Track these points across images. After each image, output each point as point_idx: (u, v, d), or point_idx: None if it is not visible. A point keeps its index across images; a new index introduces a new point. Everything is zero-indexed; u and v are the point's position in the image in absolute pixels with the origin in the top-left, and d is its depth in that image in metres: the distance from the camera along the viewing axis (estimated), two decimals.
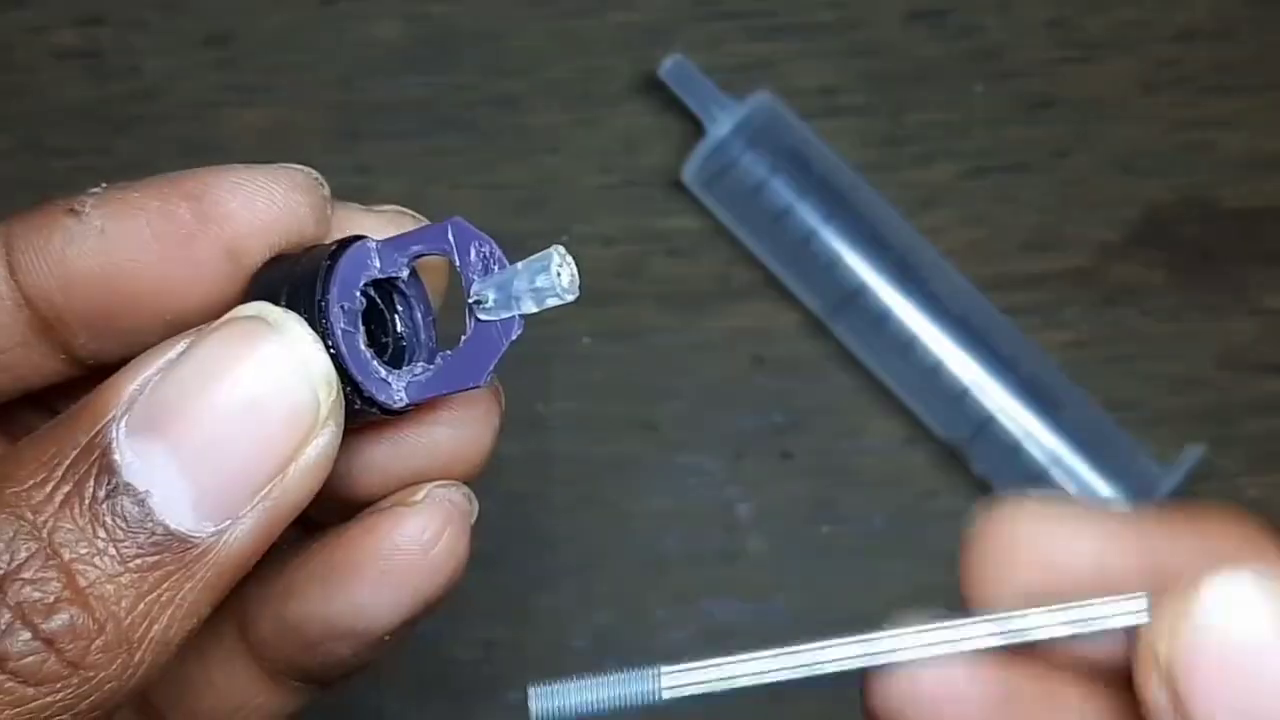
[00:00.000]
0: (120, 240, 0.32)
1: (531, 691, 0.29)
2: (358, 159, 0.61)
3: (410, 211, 0.36)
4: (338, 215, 0.34)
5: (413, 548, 0.34)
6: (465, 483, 0.36)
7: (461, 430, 0.35)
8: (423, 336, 0.34)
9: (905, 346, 0.58)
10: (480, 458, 0.35)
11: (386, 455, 0.35)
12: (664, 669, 0.29)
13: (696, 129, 0.59)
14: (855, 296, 0.58)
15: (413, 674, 0.59)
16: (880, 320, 0.58)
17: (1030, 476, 0.57)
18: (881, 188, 0.60)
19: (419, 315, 0.34)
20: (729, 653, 0.30)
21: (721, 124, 0.59)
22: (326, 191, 0.34)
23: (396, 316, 0.34)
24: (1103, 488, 0.57)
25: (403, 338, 0.34)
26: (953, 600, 0.38)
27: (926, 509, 0.59)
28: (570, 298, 0.32)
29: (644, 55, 0.61)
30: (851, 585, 0.59)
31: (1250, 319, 0.60)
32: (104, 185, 0.33)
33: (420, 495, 0.34)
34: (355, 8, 0.62)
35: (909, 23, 0.62)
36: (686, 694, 0.29)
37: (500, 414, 0.36)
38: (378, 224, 0.35)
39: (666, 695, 0.29)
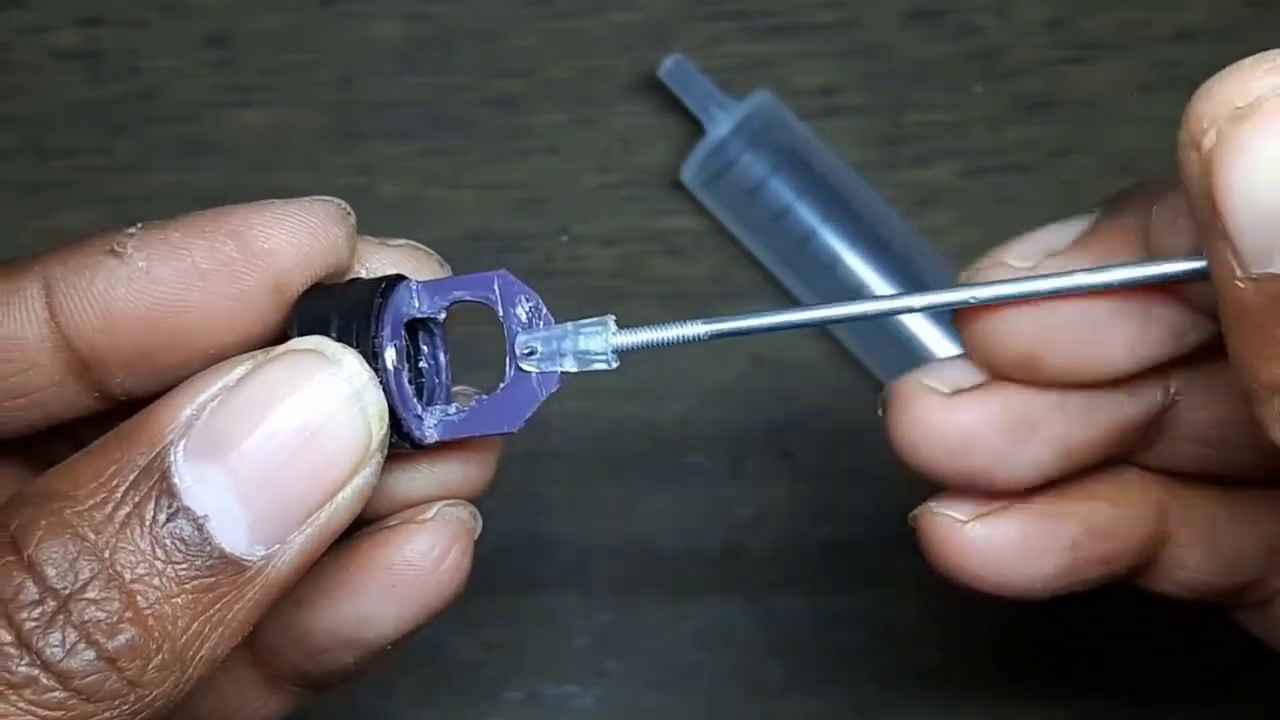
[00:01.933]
0: (166, 280, 0.33)
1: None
2: (358, 159, 0.61)
3: (422, 246, 0.36)
4: (357, 247, 0.35)
5: (423, 563, 0.35)
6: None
7: (469, 462, 0.36)
8: (442, 377, 0.35)
9: (905, 346, 0.58)
10: (484, 484, 0.37)
11: (397, 480, 0.36)
12: (704, 322, 0.34)
13: (696, 129, 0.59)
14: (855, 296, 0.58)
15: (414, 675, 0.59)
16: (880, 320, 0.58)
17: None
18: (881, 188, 0.60)
19: (442, 357, 0.35)
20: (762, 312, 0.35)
21: (721, 124, 0.59)
22: (354, 221, 0.35)
23: (421, 355, 0.35)
24: None
25: (422, 375, 0.35)
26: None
27: None
28: (614, 365, 0.34)
29: (644, 55, 0.61)
30: (851, 585, 0.59)
31: None
32: (140, 225, 0.33)
33: (431, 513, 0.36)
34: (355, 8, 0.62)
35: (908, 23, 0.62)
36: (726, 332, 0.34)
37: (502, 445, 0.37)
38: (395, 258, 0.36)
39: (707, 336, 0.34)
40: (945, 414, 0.36)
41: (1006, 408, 0.36)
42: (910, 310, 0.35)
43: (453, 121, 0.61)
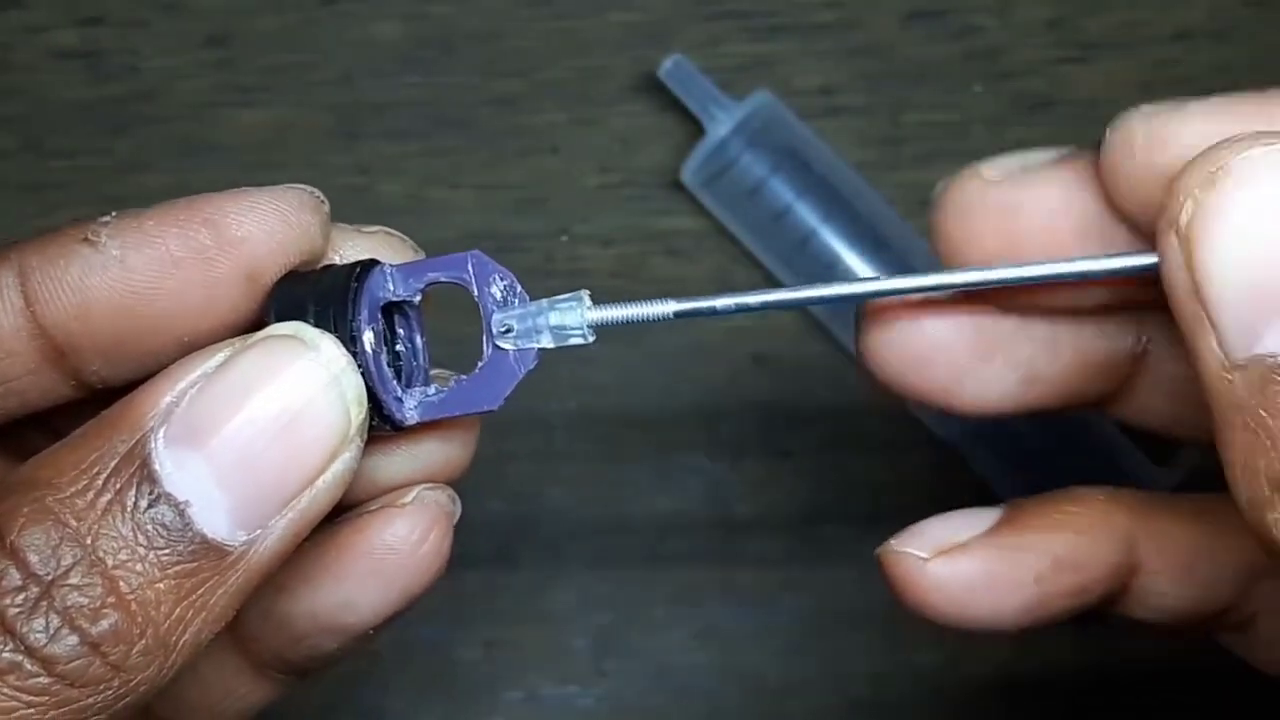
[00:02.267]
0: (140, 268, 0.33)
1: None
2: (358, 159, 0.61)
3: (397, 233, 0.37)
4: (331, 234, 0.36)
5: (402, 547, 0.35)
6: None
7: (448, 444, 0.36)
8: (420, 360, 0.36)
9: None
10: (463, 466, 0.37)
11: (376, 464, 0.36)
12: (675, 301, 0.35)
13: (696, 129, 0.59)
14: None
15: (413, 674, 0.59)
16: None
17: (1030, 476, 0.57)
18: (881, 188, 0.60)
19: (418, 339, 0.36)
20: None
21: (721, 124, 0.59)
22: (328, 209, 0.35)
23: (398, 339, 0.35)
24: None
25: (400, 358, 0.35)
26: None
27: (926, 509, 0.59)
28: (591, 339, 0.34)
29: (644, 55, 0.61)
30: (851, 585, 0.59)
31: None
32: (113, 214, 0.33)
33: (409, 497, 0.36)
34: (355, 8, 0.62)
35: (908, 23, 0.62)
36: (694, 311, 0.35)
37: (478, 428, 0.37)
38: (369, 245, 0.36)
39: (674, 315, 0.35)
40: (913, 325, 0.37)
41: (971, 322, 0.36)
42: (886, 293, 0.35)
43: (453, 121, 0.61)
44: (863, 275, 0.58)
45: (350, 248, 0.36)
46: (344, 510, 0.36)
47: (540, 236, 0.61)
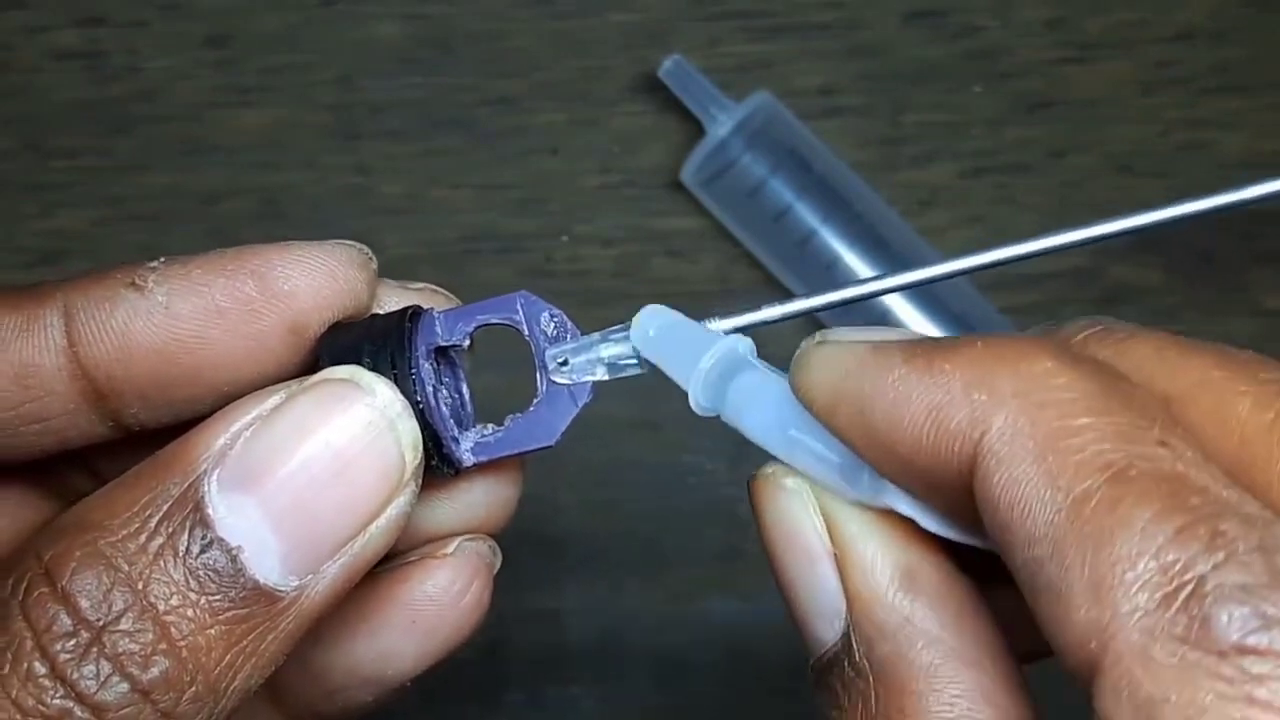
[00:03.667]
0: (185, 316, 0.33)
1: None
2: (358, 159, 0.61)
3: (441, 290, 0.36)
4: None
5: (444, 598, 0.35)
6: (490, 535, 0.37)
7: (495, 491, 0.36)
8: (467, 408, 0.35)
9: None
10: (507, 515, 0.37)
11: (418, 514, 0.35)
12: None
13: (696, 129, 0.59)
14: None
15: (414, 677, 0.59)
16: (879, 320, 0.58)
17: None
18: (880, 188, 0.60)
19: (464, 388, 0.35)
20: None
21: (721, 124, 0.59)
22: (375, 266, 0.35)
23: (444, 384, 0.35)
24: None
25: (447, 409, 0.35)
26: None
27: None
28: (645, 369, 0.34)
29: (643, 55, 0.61)
30: None
31: (1250, 319, 0.61)
32: (161, 259, 0.33)
33: (451, 548, 0.36)
34: (355, 8, 0.62)
35: (908, 23, 0.62)
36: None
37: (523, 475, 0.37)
38: (412, 300, 0.35)
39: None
40: None
41: None
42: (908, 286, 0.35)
43: (453, 121, 0.61)
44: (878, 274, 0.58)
45: (393, 302, 0.35)
46: (384, 561, 0.35)
47: (540, 236, 0.61)
